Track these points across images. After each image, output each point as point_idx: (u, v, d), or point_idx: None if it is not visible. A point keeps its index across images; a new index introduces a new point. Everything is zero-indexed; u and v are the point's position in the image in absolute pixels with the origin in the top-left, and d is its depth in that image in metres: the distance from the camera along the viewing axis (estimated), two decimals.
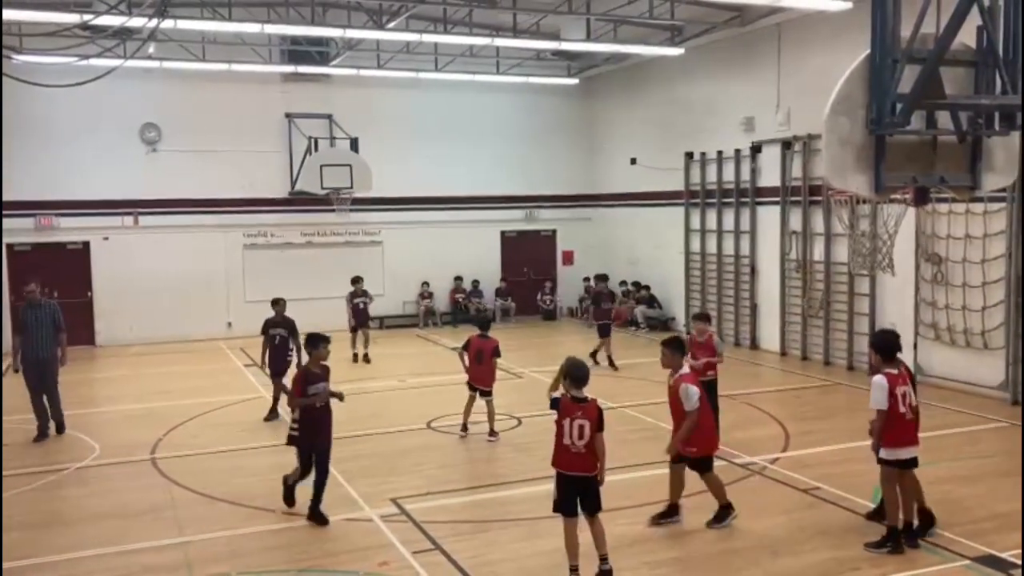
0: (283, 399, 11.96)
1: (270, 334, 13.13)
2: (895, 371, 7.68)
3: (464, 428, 11.93)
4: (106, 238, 20.72)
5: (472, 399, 11.86)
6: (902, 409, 7.58)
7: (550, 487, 7.44)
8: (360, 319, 18.25)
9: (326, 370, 8.92)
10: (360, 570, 7.60)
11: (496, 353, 11.79)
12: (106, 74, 10.58)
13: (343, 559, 7.91)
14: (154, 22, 13.04)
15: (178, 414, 13.53)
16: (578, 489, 7.18)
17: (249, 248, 22.03)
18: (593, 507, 7.23)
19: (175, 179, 20.91)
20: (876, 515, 8.29)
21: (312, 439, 8.73)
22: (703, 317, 11.18)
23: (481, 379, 11.75)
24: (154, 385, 16.08)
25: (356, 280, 18.43)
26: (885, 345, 7.86)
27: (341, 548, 8.17)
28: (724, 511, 8.45)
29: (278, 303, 13.56)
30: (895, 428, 7.60)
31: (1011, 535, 8.04)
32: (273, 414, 12.97)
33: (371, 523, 8.72)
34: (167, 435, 12.38)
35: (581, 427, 7.08)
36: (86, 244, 20.65)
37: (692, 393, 8.15)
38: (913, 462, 7.78)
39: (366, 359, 17.98)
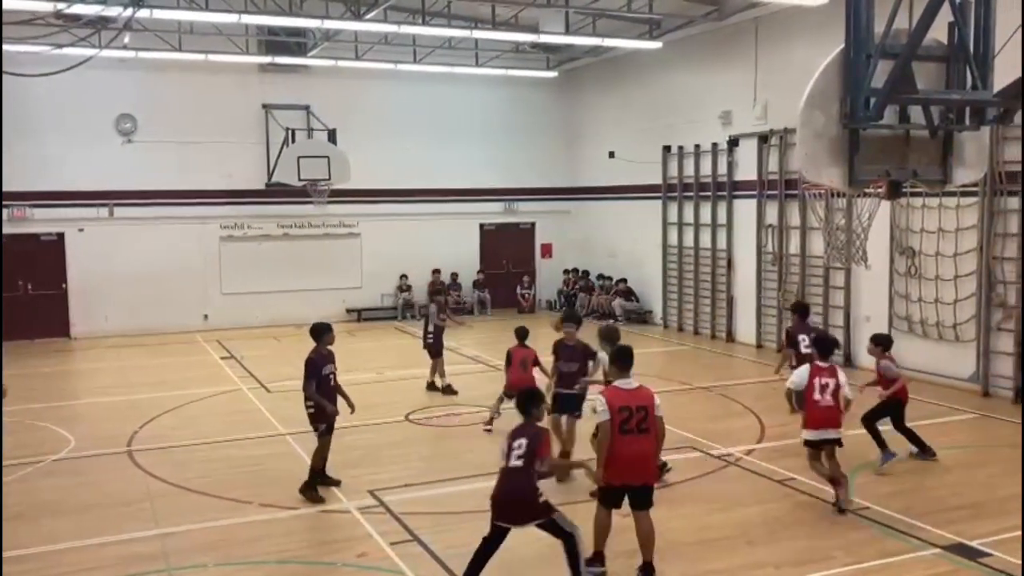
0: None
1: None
2: (824, 365, 8.73)
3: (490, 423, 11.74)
4: (81, 229, 20.53)
5: (501, 401, 11.72)
6: (817, 396, 8.61)
7: None
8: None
9: (331, 355, 9.78)
10: (338, 561, 7.62)
11: (536, 362, 11.52)
12: (81, 63, 10.52)
13: (321, 550, 7.93)
14: (129, 11, 12.93)
15: (154, 406, 13.46)
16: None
17: (226, 240, 21.91)
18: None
19: (151, 170, 20.74)
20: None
21: (328, 415, 9.38)
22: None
23: (521, 385, 11.39)
24: (130, 378, 15.98)
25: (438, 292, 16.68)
26: (822, 345, 9.10)
27: (319, 539, 8.18)
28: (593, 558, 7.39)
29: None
30: (813, 413, 8.66)
31: (981, 523, 8.19)
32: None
33: (349, 515, 8.74)
34: (143, 427, 12.32)
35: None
36: (61, 235, 20.45)
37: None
38: (834, 442, 8.74)
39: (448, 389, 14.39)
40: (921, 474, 8.48)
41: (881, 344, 10.21)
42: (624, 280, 22.42)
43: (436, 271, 23.67)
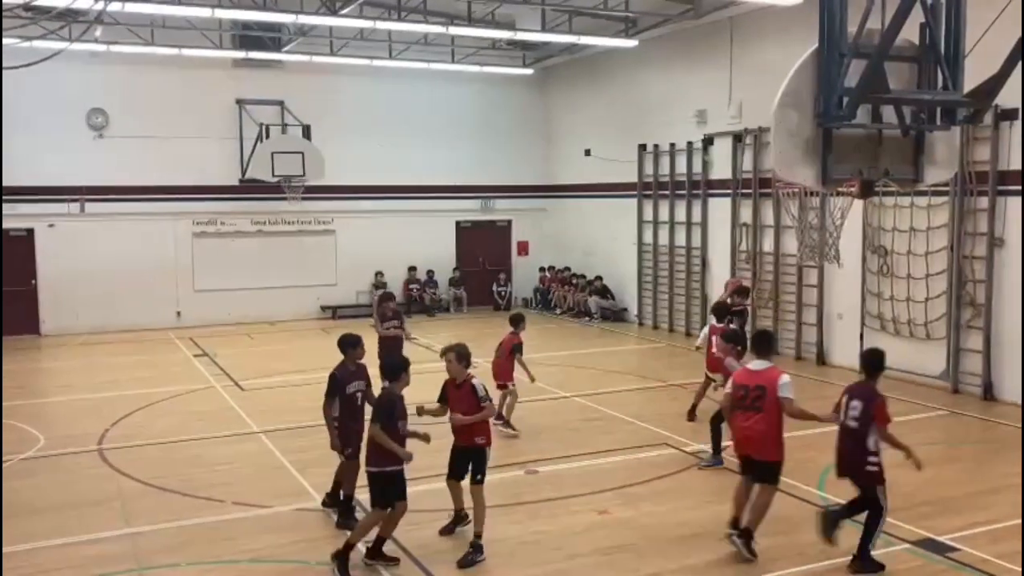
0: None
1: None
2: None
3: (499, 417, 11.02)
4: (51, 225, 20.26)
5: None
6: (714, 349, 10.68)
7: (501, 476, 7.48)
8: None
9: (361, 368, 8.76)
10: (311, 560, 7.58)
11: (515, 350, 11.47)
12: (50, 57, 10.36)
13: (294, 549, 7.88)
14: (101, 4, 12.79)
15: (125, 404, 13.33)
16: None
17: (199, 236, 21.72)
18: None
19: (123, 165, 20.51)
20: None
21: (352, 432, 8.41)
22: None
23: (497, 373, 11.55)
24: (101, 375, 15.80)
25: (387, 296, 13.73)
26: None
27: (292, 538, 8.13)
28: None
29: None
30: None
31: (949, 519, 8.30)
32: None
33: (322, 513, 8.69)
34: (114, 426, 12.19)
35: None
36: (30, 231, 20.17)
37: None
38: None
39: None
40: (892, 470, 8.54)
41: (732, 342, 9.78)
42: (600, 278, 22.47)
43: (412, 268, 23.62)
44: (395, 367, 7.55)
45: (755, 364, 7.69)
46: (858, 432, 7.21)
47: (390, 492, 7.27)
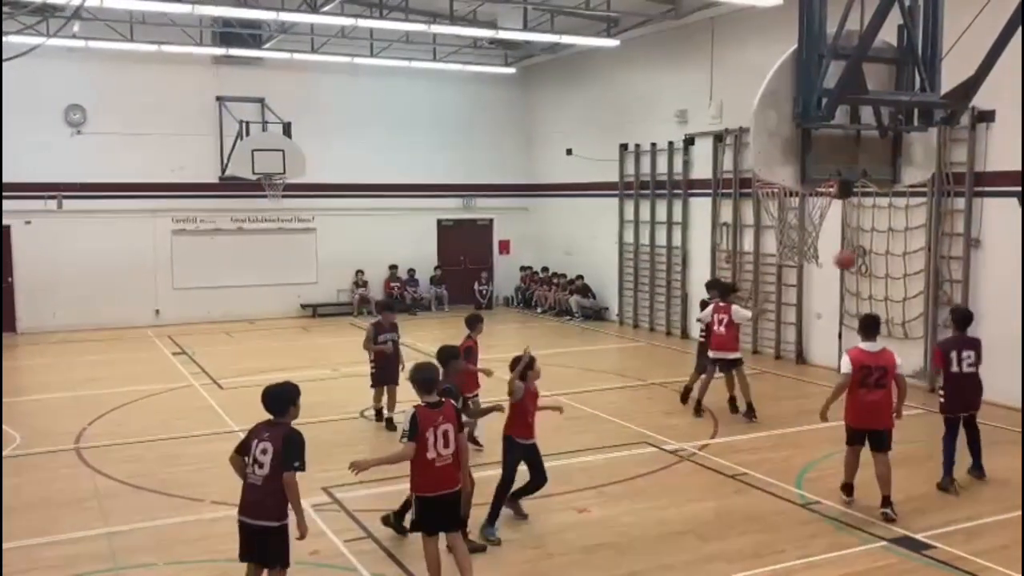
0: None
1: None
2: (723, 304, 11.64)
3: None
4: (28, 222, 20.06)
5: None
6: (716, 328, 12.00)
7: (479, 475, 7.46)
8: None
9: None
10: (291, 559, 7.53)
11: (465, 354, 9.90)
12: (27, 52, 10.25)
13: None
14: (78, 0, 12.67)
15: (104, 403, 13.23)
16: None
17: (178, 234, 21.58)
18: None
19: (101, 162, 20.35)
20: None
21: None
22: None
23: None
24: (79, 373, 15.66)
25: (386, 306, 12.85)
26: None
27: None
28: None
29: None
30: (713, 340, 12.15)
31: (926, 517, 8.38)
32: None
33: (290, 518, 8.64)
34: (92, 424, 12.10)
35: (446, 432, 6.46)
36: (7, 228, 19.95)
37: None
38: (731, 362, 12.06)
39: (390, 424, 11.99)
40: (869, 468, 8.65)
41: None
42: (581, 277, 22.51)
43: (393, 267, 23.57)
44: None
45: (871, 346, 8.61)
46: (977, 373, 9.23)
47: None
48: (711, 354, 12.15)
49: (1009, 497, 8.85)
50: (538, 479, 8.14)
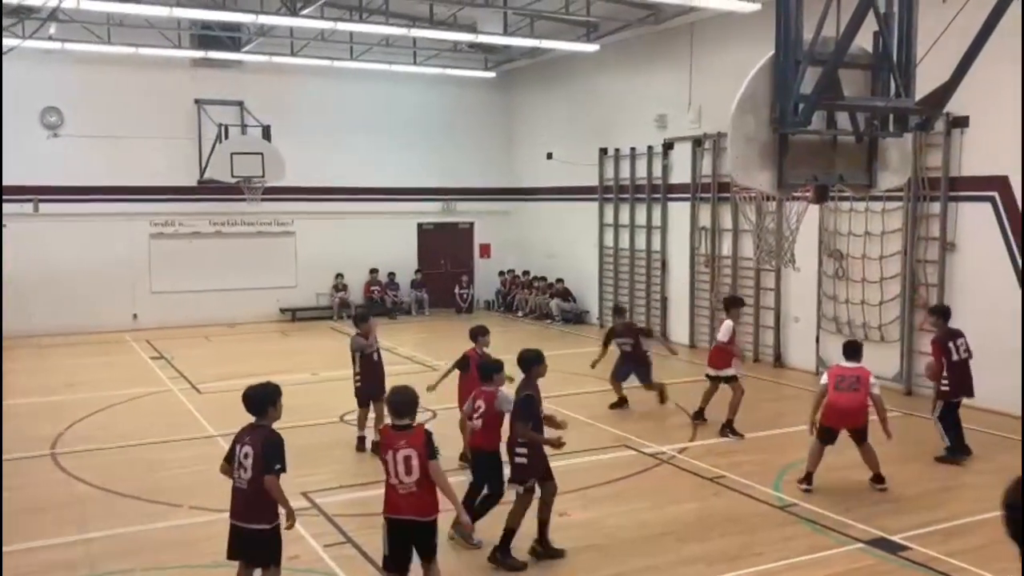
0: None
1: None
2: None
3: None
4: (4, 226, 19.81)
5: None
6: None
7: (458, 479, 7.47)
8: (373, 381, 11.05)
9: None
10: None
11: (462, 365, 10.03)
12: (3, 54, 10.15)
13: None
14: (55, 1, 12.58)
15: (80, 408, 13.12)
16: None
17: (156, 237, 21.44)
18: None
19: (78, 165, 20.18)
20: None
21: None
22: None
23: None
24: (55, 378, 15.52)
25: (361, 318, 11.55)
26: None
27: None
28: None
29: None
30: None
31: (900, 518, 8.46)
32: None
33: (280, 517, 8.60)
34: (68, 429, 12.00)
35: (407, 458, 6.08)
36: None
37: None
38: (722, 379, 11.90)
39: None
40: (847, 470, 8.74)
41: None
42: (561, 280, 22.56)
43: (374, 271, 23.51)
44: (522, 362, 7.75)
45: (849, 364, 9.32)
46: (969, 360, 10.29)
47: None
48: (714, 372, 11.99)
49: (984, 498, 8.93)
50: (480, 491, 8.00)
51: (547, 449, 7.53)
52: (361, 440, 11.04)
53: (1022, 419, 11.27)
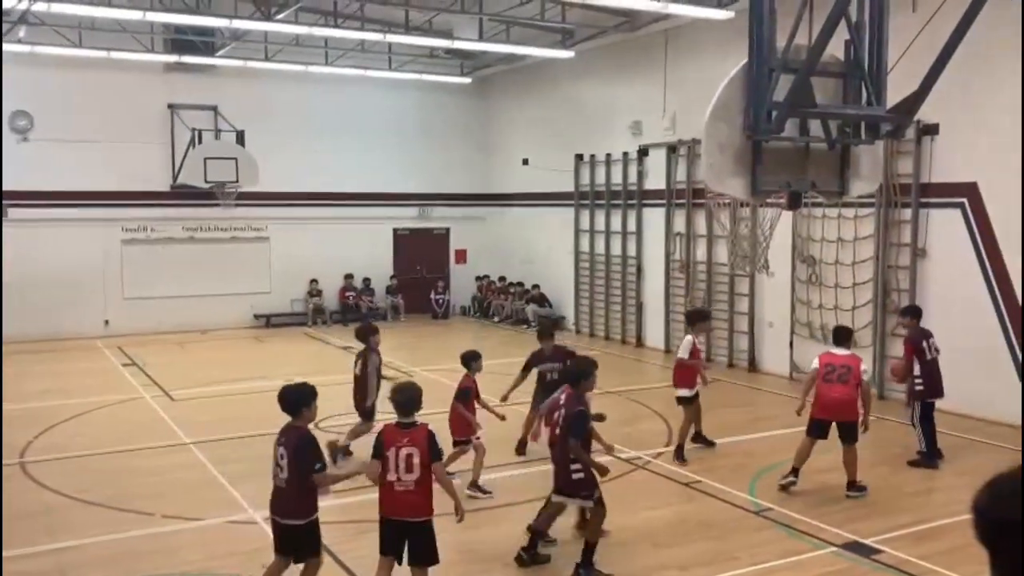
0: None
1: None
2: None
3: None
4: None
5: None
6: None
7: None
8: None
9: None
10: (242, 573, 7.45)
11: (458, 396, 9.52)
12: None
13: (226, 562, 7.74)
14: (25, 4, 12.44)
15: (50, 415, 12.94)
16: None
17: (128, 243, 21.23)
18: None
19: (48, 170, 19.93)
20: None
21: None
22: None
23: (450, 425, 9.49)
24: (24, 385, 15.27)
25: (372, 330, 10.83)
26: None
27: (224, 551, 7.99)
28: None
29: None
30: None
31: (873, 522, 8.54)
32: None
33: (255, 526, 8.54)
34: (38, 437, 11.82)
35: (409, 456, 6.15)
36: None
37: None
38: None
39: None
40: (821, 474, 8.81)
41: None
42: (537, 286, 22.59)
43: (349, 276, 23.42)
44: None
45: (838, 350, 9.39)
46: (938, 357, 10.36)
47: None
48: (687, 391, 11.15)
49: (955, 501, 9.04)
50: None
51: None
52: (344, 449, 10.15)
53: (1022, 425, 11.04)
